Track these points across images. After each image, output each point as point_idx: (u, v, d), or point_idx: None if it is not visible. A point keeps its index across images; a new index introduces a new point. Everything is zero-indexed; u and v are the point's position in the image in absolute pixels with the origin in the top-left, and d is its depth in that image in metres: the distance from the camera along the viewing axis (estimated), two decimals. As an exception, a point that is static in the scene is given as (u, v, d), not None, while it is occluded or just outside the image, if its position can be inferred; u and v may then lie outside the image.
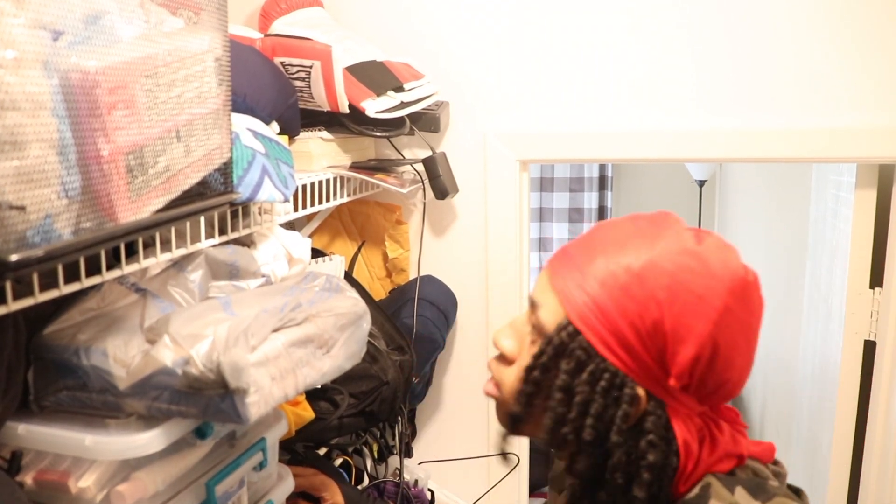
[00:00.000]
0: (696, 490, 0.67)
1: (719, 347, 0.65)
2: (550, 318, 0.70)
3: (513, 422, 0.76)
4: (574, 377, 0.67)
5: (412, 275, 1.60)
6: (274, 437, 1.01)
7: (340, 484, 1.19)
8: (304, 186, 1.18)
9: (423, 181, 1.50)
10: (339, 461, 1.34)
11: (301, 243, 1.10)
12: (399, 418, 1.42)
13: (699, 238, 0.68)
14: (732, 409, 0.75)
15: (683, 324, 0.64)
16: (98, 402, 0.81)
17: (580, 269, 0.69)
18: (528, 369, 0.70)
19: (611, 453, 0.67)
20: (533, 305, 0.73)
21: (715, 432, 0.70)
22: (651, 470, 0.66)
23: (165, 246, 0.85)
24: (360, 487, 1.38)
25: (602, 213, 3.70)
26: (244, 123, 1.00)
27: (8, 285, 0.62)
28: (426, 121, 1.46)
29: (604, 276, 0.67)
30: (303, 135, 1.29)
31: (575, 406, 0.67)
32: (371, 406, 1.25)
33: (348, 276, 1.47)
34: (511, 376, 0.75)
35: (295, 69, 1.25)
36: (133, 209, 0.63)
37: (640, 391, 0.66)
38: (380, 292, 1.61)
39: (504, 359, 0.77)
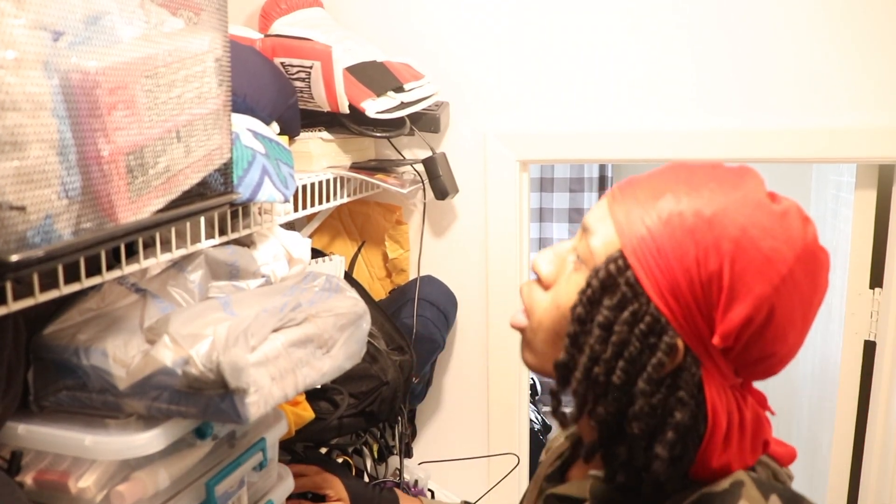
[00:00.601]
0: (725, 483, 0.64)
1: (774, 315, 0.61)
2: (602, 247, 0.66)
3: (537, 357, 0.72)
4: (615, 315, 0.63)
5: (412, 275, 1.60)
6: (274, 437, 1.01)
7: (344, 479, 1.18)
8: (304, 187, 1.18)
9: (423, 181, 1.50)
10: (339, 461, 1.34)
11: (301, 243, 1.10)
12: (399, 418, 1.42)
13: (779, 199, 0.64)
14: (761, 392, 0.71)
15: (743, 281, 0.59)
16: (98, 403, 0.81)
17: (645, 202, 0.64)
18: (573, 307, 0.66)
19: (635, 400, 0.63)
20: (585, 231, 0.69)
21: (745, 411, 0.66)
22: (676, 430, 0.62)
23: (165, 246, 0.85)
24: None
25: (602, 213, 3.70)
26: (244, 124, 1.00)
27: (8, 285, 0.63)
28: (426, 121, 1.46)
29: (669, 214, 0.62)
30: (303, 135, 1.29)
31: (611, 345, 0.63)
32: (371, 406, 1.25)
33: (348, 277, 1.47)
34: (544, 302, 0.71)
35: (295, 69, 1.25)
36: (133, 209, 0.63)
37: (680, 343, 0.62)
38: (380, 292, 1.61)
39: (540, 284, 0.73)
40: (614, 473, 0.67)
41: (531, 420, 3.12)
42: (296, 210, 1.16)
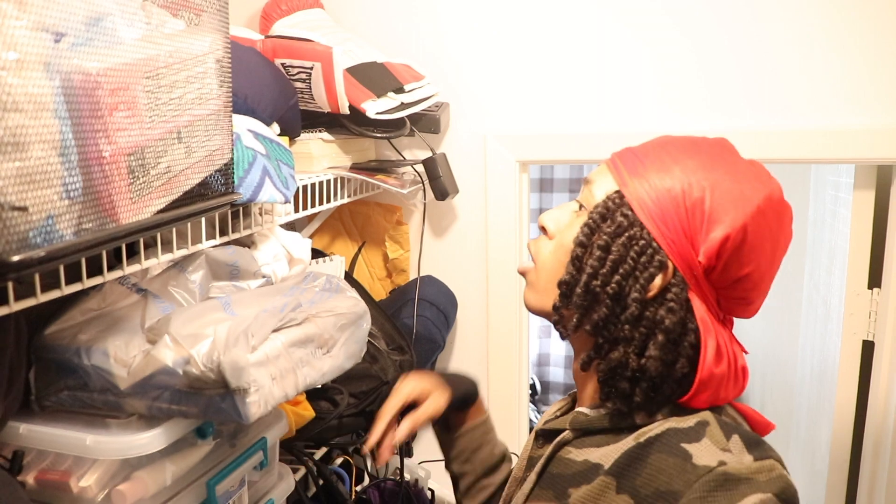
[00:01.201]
0: (691, 422, 0.70)
1: (747, 238, 0.70)
2: (601, 190, 0.77)
3: (539, 295, 0.80)
4: (613, 238, 0.73)
5: (412, 275, 1.60)
6: (274, 436, 1.01)
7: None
8: (304, 187, 1.18)
9: (423, 182, 1.50)
10: (339, 460, 1.34)
11: (301, 244, 1.10)
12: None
13: (752, 161, 0.76)
14: (740, 343, 0.78)
15: (722, 208, 0.70)
16: (99, 402, 0.81)
17: (638, 156, 0.76)
18: (577, 238, 0.75)
19: (628, 306, 0.72)
20: (587, 183, 0.79)
21: (730, 346, 0.74)
22: (666, 332, 0.71)
23: (166, 246, 0.86)
24: (358, 488, 1.38)
25: (602, 213, 3.70)
26: (245, 124, 1.00)
27: (10, 286, 0.63)
28: (426, 122, 1.46)
29: (659, 162, 0.74)
30: (303, 136, 1.29)
31: (608, 262, 0.72)
32: (371, 406, 1.25)
33: (348, 277, 1.47)
34: (547, 247, 0.80)
35: (296, 70, 1.25)
36: (134, 210, 0.63)
37: (669, 263, 0.71)
38: (380, 293, 1.61)
39: (546, 235, 0.81)
40: (610, 381, 0.74)
41: (531, 420, 3.12)
42: (296, 210, 1.16)
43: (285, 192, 0.99)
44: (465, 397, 1.00)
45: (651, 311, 0.72)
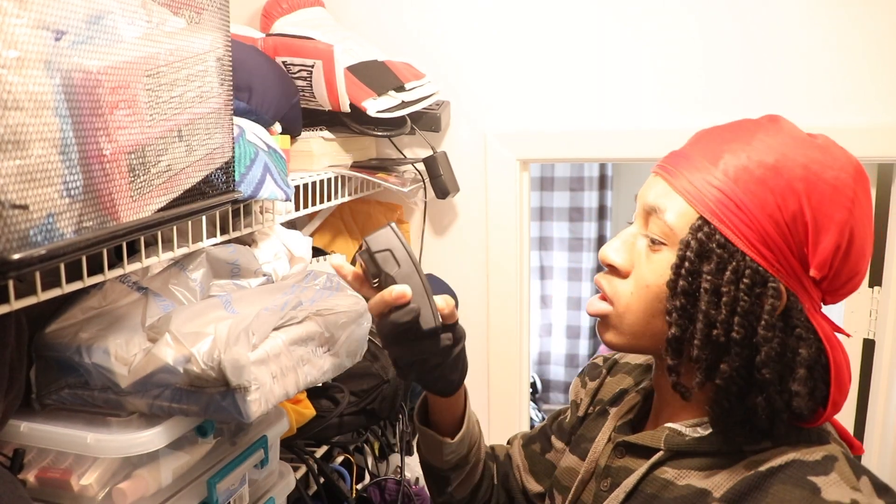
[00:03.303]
0: (818, 455, 0.65)
1: (854, 236, 0.65)
2: (680, 221, 0.68)
3: (625, 337, 0.74)
4: (718, 277, 0.66)
5: (413, 274, 1.60)
6: (275, 434, 1.01)
7: None
8: (305, 186, 1.18)
9: (423, 180, 1.50)
10: (340, 459, 1.34)
11: (302, 242, 1.10)
12: (400, 416, 1.42)
13: (814, 135, 0.70)
14: (827, 317, 0.75)
15: (823, 213, 0.64)
16: (100, 400, 0.81)
17: (706, 167, 0.68)
18: (672, 282, 0.68)
19: (759, 349, 0.65)
20: (654, 212, 0.71)
21: (834, 330, 0.70)
22: (806, 364, 0.65)
23: (167, 245, 0.86)
24: (359, 486, 1.38)
25: (602, 212, 3.70)
26: (245, 126, 1.00)
27: (10, 284, 0.63)
28: (427, 120, 1.46)
29: (735, 171, 0.66)
30: (304, 134, 1.29)
31: (724, 306, 0.66)
32: (372, 404, 1.25)
33: (349, 275, 1.47)
34: (628, 288, 0.73)
35: (296, 69, 1.25)
36: (135, 208, 0.63)
37: (782, 287, 0.66)
38: (380, 291, 1.61)
39: (616, 272, 0.74)
40: (728, 411, 0.68)
41: (531, 418, 3.12)
42: (297, 209, 1.16)
43: (286, 190, 0.98)
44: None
45: (779, 342, 0.66)
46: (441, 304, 0.76)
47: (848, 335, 0.73)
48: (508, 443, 1.08)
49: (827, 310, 0.72)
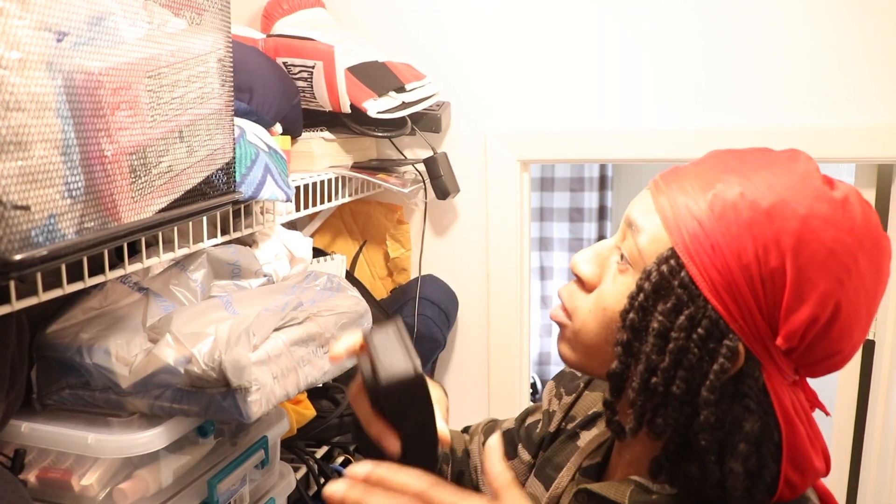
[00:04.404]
0: None
1: (840, 312, 0.56)
2: (651, 246, 0.61)
3: (577, 356, 0.69)
4: (671, 320, 0.58)
5: (413, 274, 1.61)
6: (275, 435, 1.02)
7: None
8: (305, 186, 1.18)
9: (424, 181, 1.50)
10: (340, 459, 1.34)
11: (302, 243, 1.10)
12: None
13: (836, 185, 0.59)
14: (811, 389, 0.66)
15: (807, 277, 0.55)
16: (101, 401, 0.81)
17: (694, 193, 0.59)
18: (624, 312, 0.61)
19: (699, 411, 0.58)
20: (630, 227, 0.64)
21: (807, 408, 0.63)
22: (747, 440, 0.58)
23: (168, 245, 0.86)
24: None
25: (602, 212, 3.70)
26: (246, 127, 1.00)
27: (12, 284, 0.63)
28: (427, 121, 1.46)
29: (723, 206, 0.57)
30: (305, 135, 1.29)
31: (668, 354, 0.58)
32: (372, 405, 1.25)
33: (350, 276, 1.47)
34: (587, 305, 0.66)
35: (297, 69, 1.25)
36: (136, 209, 0.63)
37: (741, 346, 0.58)
38: (381, 291, 1.61)
39: (581, 284, 0.68)
40: (685, 490, 0.63)
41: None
42: (297, 209, 1.16)
43: (287, 191, 0.99)
44: None
45: (723, 410, 0.59)
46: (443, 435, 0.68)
47: (827, 413, 0.67)
48: (466, 431, 0.99)
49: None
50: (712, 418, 0.58)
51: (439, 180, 1.46)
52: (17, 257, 0.50)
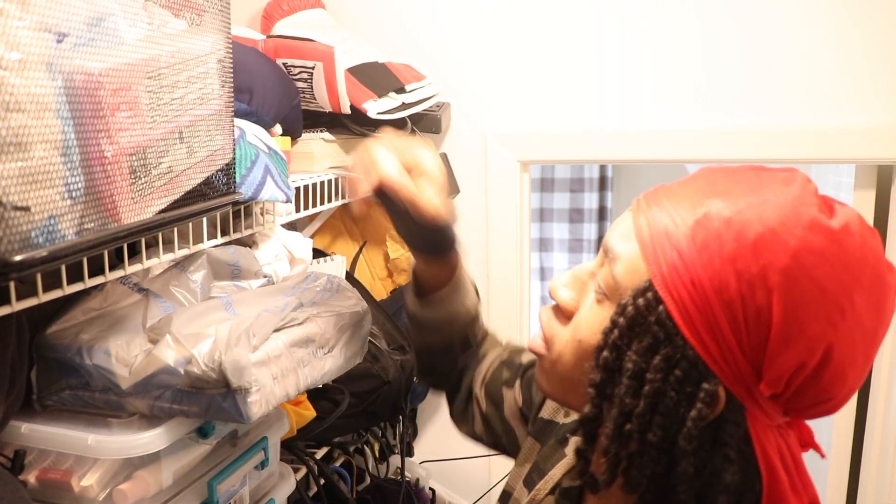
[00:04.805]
0: None
1: (832, 356, 0.51)
2: (627, 276, 0.56)
3: (554, 388, 0.66)
4: (646, 360, 0.54)
5: (413, 275, 1.60)
6: (275, 436, 1.02)
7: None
8: (305, 187, 1.18)
9: (423, 182, 1.50)
10: (340, 460, 1.34)
11: (302, 243, 1.10)
12: (400, 418, 1.42)
13: (834, 211, 0.53)
14: (808, 427, 0.62)
15: (796, 319, 0.50)
16: (100, 402, 0.81)
17: (677, 218, 0.54)
18: (598, 350, 0.57)
19: (677, 461, 0.54)
20: (607, 254, 0.59)
21: (795, 453, 0.58)
22: (727, 492, 0.55)
23: (168, 246, 0.86)
24: (360, 488, 1.38)
25: (602, 213, 3.70)
26: (246, 128, 1.00)
27: (12, 285, 0.63)
28: (427, 122, 1.46)
29: (706, 236, 0.52)
30: (305, 136, 1.29)
31: (644, 398, 0.54)
32: (372, 406, 1.25)
33: (349, 277, 1.47)
34: (564, 335, 0.63)
35: (297, 70, 1.25)
36: (136, 210, 0.63)
37: (721, 391, 0.53)
38: (381, 292, 1.61)
39: (560, 311, 0.64)
40: None
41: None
42: (297, 210, 1.16)
43: (287, 192, 0.99)
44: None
45: (703, 458, 0.54)
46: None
47: (822, 455, 0.63)
48: (485, 345, 0.99)
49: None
50: (690, 469, 0.54)
51: (439, 181, 1.46)
52: (17, 258, 0.50)
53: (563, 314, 0.64)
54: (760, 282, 0.50)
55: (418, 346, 0.98)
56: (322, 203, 1.27)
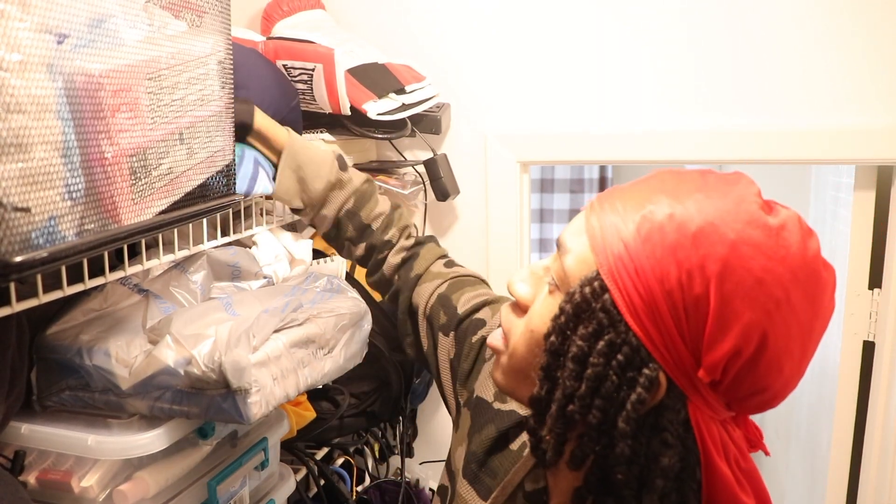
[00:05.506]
0: None
1: (767, 345, 0.54)
2: (576, 267, 0.59)
3: (508, 381, 0.67)
4: (590, 345, 0.56)
5: (413, 276, 1.60)
6: (275, 436, 1.02)
7: None
8: (305, 188, 1.18)
9: (424, 183, 1.50)
10: (340, 461, 1.34)
11: (302, 244, 1.10)
12: (400, 418, 1.42)
13: (774, 211, 0.56)
14: (756, 427, 0.64)
15: (731, 307, 0.53)
16: (100, 402, 0.81)
17: (624, 214, 0.57)
18: (546, 335, 0.59)
19: (615, 443, 0.56)
20: (559, 248, 0.62)
21: (741, 448, 0.60)
22: (665, 476, 0.56)
23: (168, 247, 0.86)
24: (359, 488, 1.38)
25: (603, 213, 3.70)
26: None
27: (12, 286, 0.63)
28: (427, 122, 1.46)
29: (650, 228, 0.55)
30: (305, 137, 1.29)
31: (585, 380, 0.56)
32: (372, 406, 1.25)
33: (349, 277, 1.47)
34: (519, 328, 0.65)
35: (297, 72, 1.25)
36: (136, 211, 0.63)
37: (662, 377, 0.56)
38: (381, 293, 1.61)
39: (517, 307, 0.67)
40: None
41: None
42: (297, 211, 1.16)
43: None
44: None
45: (641, 443, 0.57)
46: None
47: (767, 453, 0.64)
48: (420, 258, 1.03)
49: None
50: (628, 451, 0.56)
51: (439, 182, 1.46)
52: (18, 259, 0.50)
53: (521, 308, 0.66)
54: (699, 271, 0.53)
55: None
56: (322, 204, 1.27)
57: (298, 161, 0.97)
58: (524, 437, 0.76)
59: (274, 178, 0.97)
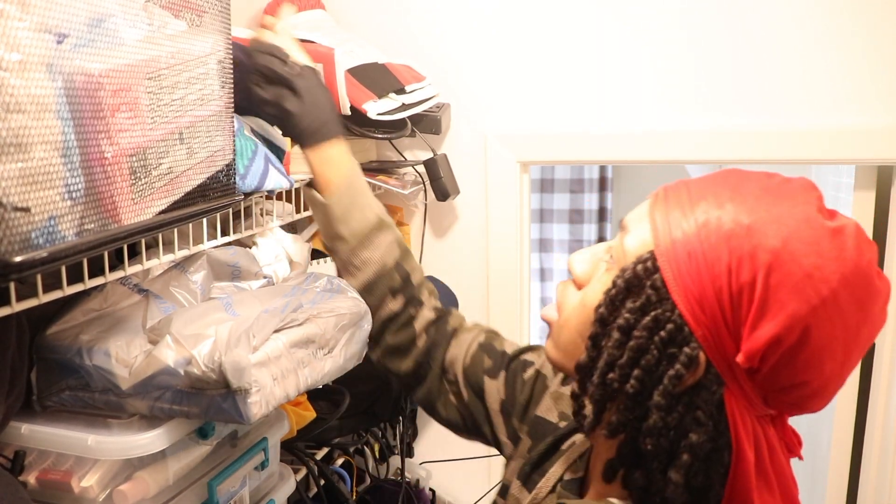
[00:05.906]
0: None
1: (809, 340, 0.55)
2: (634, 247, 0.62)
3: (559, 353, 0.70)
4: (636, 318, 0.59)
5: (413, 276, 1.61)
6: (275, 436, 1.02)
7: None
8: (305, 188, 1.18)
9: (424, 183, 1.50)
10: (340, 461, 1.34)
11: (303, 245, 1.10)
12: (400, 418, 1.42)
13: (836, 217, 0.58)
14: (795, 433, 0.65)
15: (777, 296, 0.54)
16: (100, 402, 0.81)
17: (686, 205, 0.60)
18: (598, 306, 0.62)
19: (649, 415, 0.58)
20: (622, 229, 0.66)
21: (774, 446, 0.61)
22: (692, 452, 0.58)
23: (168, 247, 0.86)
24: (360, 488, 1.38)
25: (602, 214, 3.70)
26: (244, 121, 1.00)
27: (12, 286, 0.63)
28: (427, 122, 1.46)
29: (707, 217, 0.58)
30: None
31: (628, 351, 0.59)
32: (372, 406, 1.25)
33: (349, 277, 1.47)
34: (573, 300, 0.68)
35: (296, 71, 1.25)
36: (136, 211, 0.63)
37: (702, 357, 0.57)
38: (381, 293, 1.61)
39: (574, 283, 0.70)
40: (638, 502, 0.62)
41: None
42: (297, 211, 1.16)
43: (289, 179, 0.99)
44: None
45: (674, 418, 0.58)
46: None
47: (800, 457, 0.65)
48: (452, 319, 1.02)
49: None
50: (660, 423, 0.58)
51: (439, 182, 1.46)
52: (18, 259, 0.50)
53: (577, 285, 0.69)
54: (749, 259, 0.55)
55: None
56: (322, 204, 1.27)
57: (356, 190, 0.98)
58: (574, 438, 0.80)
59: (284, 174, 0.97)
